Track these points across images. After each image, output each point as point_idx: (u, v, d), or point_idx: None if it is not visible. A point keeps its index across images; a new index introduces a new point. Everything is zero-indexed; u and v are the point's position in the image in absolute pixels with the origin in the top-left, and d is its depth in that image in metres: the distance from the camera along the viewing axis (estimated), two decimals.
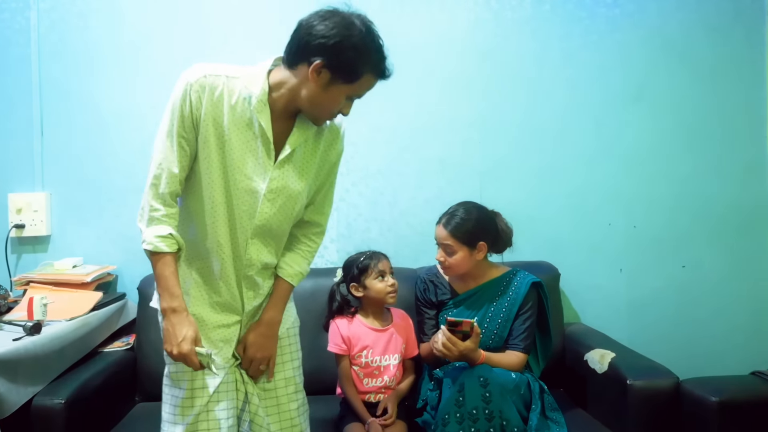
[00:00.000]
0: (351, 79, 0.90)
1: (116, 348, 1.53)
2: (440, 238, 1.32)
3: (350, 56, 0.88)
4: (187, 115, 0.93)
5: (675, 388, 1.17)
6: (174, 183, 0.95)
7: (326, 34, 0.88)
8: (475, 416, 1.10)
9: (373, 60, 0.91)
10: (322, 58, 0.88)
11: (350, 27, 0.89)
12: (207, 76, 0.93)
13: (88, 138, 1.67)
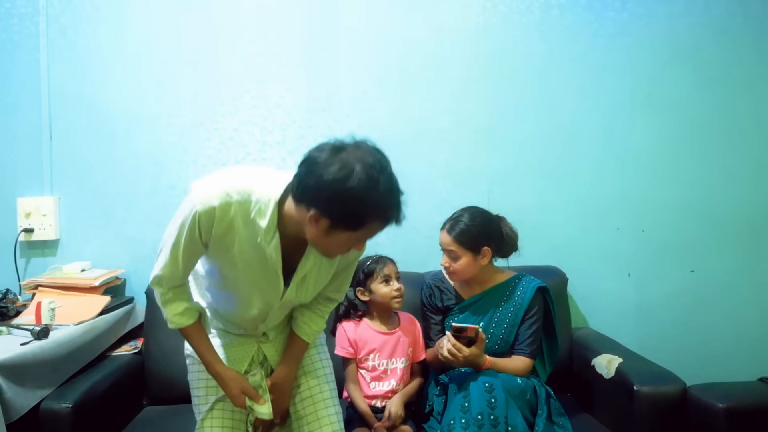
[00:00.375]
0: (354, 228, 0.86)
1: (124, 352, 1.56)
2: (444, 244, 1.35)
3: (349, 208, 0.84)
4: (197, 239, 0.95)
5: (682, 394, 1.19)
6: (177, 282, 1.03)
7: (321, 186, 0.83)
8: (481, 422, 1.12)
9: (378, 209, 0.85)
10: (316, 209, 0.85)
11: (347, 178, 0.82)
12: (216, 207, 0.91)
13: (96, 142, 1.71)
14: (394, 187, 0.88)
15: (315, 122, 1.73)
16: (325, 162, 0.84)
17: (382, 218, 0.88)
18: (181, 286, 1.03)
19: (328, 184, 0.83)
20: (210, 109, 1.72)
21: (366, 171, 0.83)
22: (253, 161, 1.74)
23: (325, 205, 0.84)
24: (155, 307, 1.53)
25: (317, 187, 0.84)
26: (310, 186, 0.85)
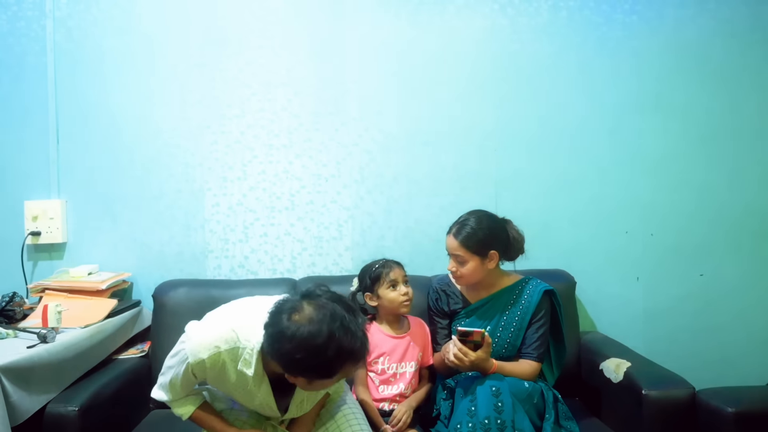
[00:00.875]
0: (329, 376, 0.96)
1: (131, 355, 1.59)
2: (451, 249, 1.37)
3: (318, 366, 0.93)
4: (192, 379, 1.07)
5: (691, 398, 1.21)
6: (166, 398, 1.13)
7: (287, 355, 0.93)
8: (487, 426, 1.14)
9: (344, 358, 0.93)
10: (295, 375, 0.95)
11: (307, 343, 0.91)
12: (205, 360, 1.01)
13: (103, 146, 1.75)
14: (353, 332, 0.94)
15: (322, 125, 1.77)
16: (289, 339, 0.92)
17: (351, 362, 0.95)
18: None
19: (296, 360, 0.92)
20: (217, 112, 1.76)
21: (323, 337, 0.91)
22: (259, 164, 1.78)
23: (297, 370, 0.95)
24: (162, 310, 1.60)
25: (289, 361, 0.94)
26: (280, 353, 0.94)
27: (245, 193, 1.77)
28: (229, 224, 1.78)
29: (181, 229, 1.76)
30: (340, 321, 0.93)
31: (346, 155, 1.78)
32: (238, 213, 1.77)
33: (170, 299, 1.60)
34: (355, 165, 1.78)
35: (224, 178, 1.77)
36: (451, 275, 1.41)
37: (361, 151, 1.78)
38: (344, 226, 1.78)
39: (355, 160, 1.78)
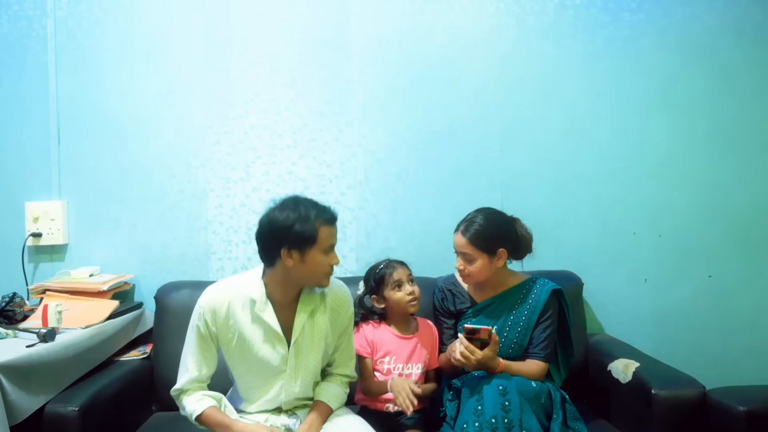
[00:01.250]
0: (313, 241, 1.15)
1: (132, 357, 1.60)
2: (459, 246, 1.38)
3: (299, 230, 1.14)
4: (205, 334, 1.22)
5: (701, 397, 1.22)
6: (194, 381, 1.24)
7: (276, 234, 1.16)
8: (494, 425, 1.15)
9: (316, 219, 1.16)
10: (283, 249, 1.15)
11: (285, 217, 1.15)
12: (213, 298, 1.22)
13: (105, 146, 1.77)
14: (316, 201, 1.21)
15: (326, 125, 1.79)
16: (271, 221, 1.17)
17: (324, 222, 1.17)
18: (199, 384, 1.24)
19: (280, 230, 1.16)
20: (219, 113, 1.78)
21: (293, 205, 1.18)
22: (263, 165, 1.80)
23: (287, 242, 1.15)
24: (164, 312, 1.62)
25: (275, 237, 1.16)
26: (271, 240, 1.17)
27: (248, 194, 1.79)
28: (232, 225, 1.79)
29: (184, 231, 1.78)
30: (307, 198, 1.21)
31: (351, 155, 1.79)
32: (241, 214, 1.78)
33: (172, 301, 1.61)
34: (359, 165, 1.79)
35: (227, 179, 1.79)
36: (459, 274, 1.42)
37: (366, 152, 1.80)
38: (348, 228, 1.80)
39: (360, 161, 1.79)
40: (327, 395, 1.28)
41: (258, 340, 1.22)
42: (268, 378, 1.25)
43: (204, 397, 1.22)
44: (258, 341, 1.22)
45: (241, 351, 1.23)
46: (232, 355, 1.24)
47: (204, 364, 1.24)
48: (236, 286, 1.24)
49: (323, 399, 1.27)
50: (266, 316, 1.21)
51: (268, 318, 1.21)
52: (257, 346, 1.22)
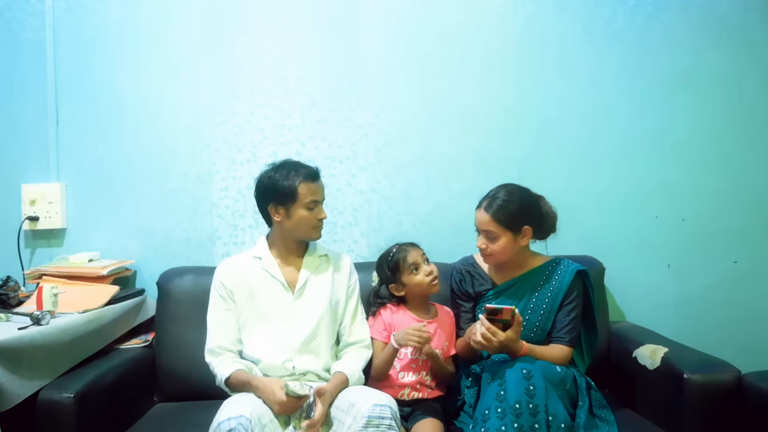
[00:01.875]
0: (294, 197, 1.33)
1: (133, 345, 1.58)
2: (481, 224, 1.35)
3: (280, 187, 1.33)
4: (225, 295, 1.38)
5: (736, 382, 1.21)
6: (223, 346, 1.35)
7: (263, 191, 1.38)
8: (518, 411, 1.12)
9: (294, 175, 1.34)
10: (271, 204, 1.35)
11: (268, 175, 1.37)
12: (227, 263, 1.42)
13: (105, 126, 1.75)
14: (298, 162, 1.40)
15: (336, 105, 1.78)
16: (259, 181, 1.40)
17: (302, 179, 1.34)
18: (229, 350, 1.35)
19: (264, 189, 1.37)
20: (225, 91, 1.76)
21: (278, 166, 1.38)
22: (270, 146, 1.78)
23: (272, 199, 1.35)
24: (167, 298, 1.60)
25: (262, 195, 1.38)
26: (260, 198, 1.39)
27: (255, 176, 1.74)
28: (239, 209, 1.78)
29: (188, 215, 1.76)
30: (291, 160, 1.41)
31: (362, 136, 1.78)
32: (247, 197, 1.76)
33: (175, 287, 1.60)
34: (371, 146, 1.78)
35: (233, 161, 1.77)
36: (481, 253, 1.40)
37: (378, 132, 1.79)
38: (360, 211, 1.79)
39: (371, 142, 1.78)
40: (343, 366, 1.34)
41: (266, 291, 1.36)
42: (277, 327, 1.34)
43: (234, 362, 1.31)
44: (266, 292, 1.36)
45: (252, 304, 1.36)
46: (244, 312, 1.36)
47: (229, 325, 1.35)
48: (247, 253, 1.44)
49: (340, 369, 1.32)
50: (271, 269, 1.38)
51: (273, 270, 1.38)
52: (266, 296, 1.36)
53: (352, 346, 1.40)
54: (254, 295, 1.36)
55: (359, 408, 1.14)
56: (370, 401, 1.15)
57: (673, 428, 1.28)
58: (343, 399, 1.23)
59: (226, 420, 1.09)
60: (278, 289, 1.37)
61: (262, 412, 1.16)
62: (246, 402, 1.17)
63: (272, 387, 1.20)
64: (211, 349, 1.34)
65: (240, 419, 1.09)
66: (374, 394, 1.19)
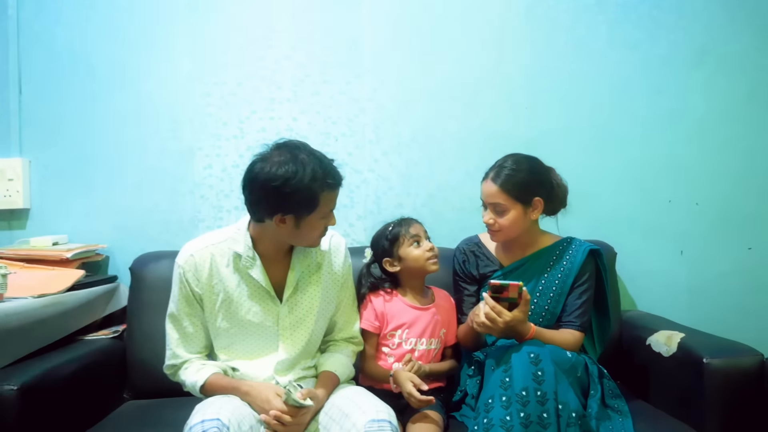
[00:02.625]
0: (313, 208, 1.11)
1: (101, 336, 1.52)
2: (489, 196, 1.32)
3: (299, 197, 1.08)
4: (188, 295, 1.19)
5: (760, 366, 1.20)
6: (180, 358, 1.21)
7: (269, 196, 1.09)
8: (525, 399, 1.07)
9: (320, 183, 1.09)
10: (277, 215, 1.10)
11: (285, 177, 1.07)
12: (193, 255, 1.18)
13: (74, 97, 1.69)
14: (320, 158, 1.12)
15: (332, 77, 1.74)
16: (263, 177, 1.08)
17: (327, 188, 1.11)
18: (197, 356, 1.22)
19: (274, 192, 1.08)
20: (210, 61, 1.72)
21: (292, 161, 1.08)
22: (259, 120, 1.74)
23: (281, 207, 1.10)
24: (140, 285, 1.55)
25: (267, 198, 1.10)
26: (262, 201, 1.11)
27: (242, 153, 1.72)
28: (223, 189, 1.73)
29: (167, 195, 1.71)
30: (309, 151, 1.11)
31: (359, 111, 1.75)
32: (233, 176, 1.72)
33: (151, 273, 1.55)
34: (369, 123, 1.75)
35: (218, 136, 1.72)
36: (489, 229, 1.37)
37: (376, 108, 1.75)
38: (356, 192, 1.75)
39: (369, 118, 1.75)
40: (332, 364, 1.24)
41: (246, 300, 1.19)
42: (259, 344, 1.20)
43: (204, 366, 1.19)
44: (246, 301, 1.18)
45: (228, 314, 1.19)
46: (216, 320, 1.20)
47: (195, 331, 1.20)
48: (218, 240, 1.21)
49: (328, 368, 1.23)
50: (254, 272, 1.18)
51: (257, 274, 1.18)
52: (245, 307, 1.18)
53: (341, 344, 1.32)
54: (230, 303, 1.18)
55: (354, 422, 1.04)
56: (368, 415, 1.04)
57: (690, 418, 1.28)
58: (333, 405, 1.14)
59: (199, 423, 0.99)
60: (262, 296, 1.19)
61: (242, 417, 1.05)
62: (225, 404, 1.06)
63: (266, 394, 1.09)
64: (171, 365, 1.21)
65: (215, 423, 0.98)
66: (372, 406, 1.08)
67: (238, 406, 1.08)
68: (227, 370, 1.20)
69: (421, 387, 1.22)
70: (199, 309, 1.20)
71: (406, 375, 1.26)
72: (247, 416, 1.08)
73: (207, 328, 1.22)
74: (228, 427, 0.99)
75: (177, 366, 1.21)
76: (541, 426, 1.07)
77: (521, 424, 1.07)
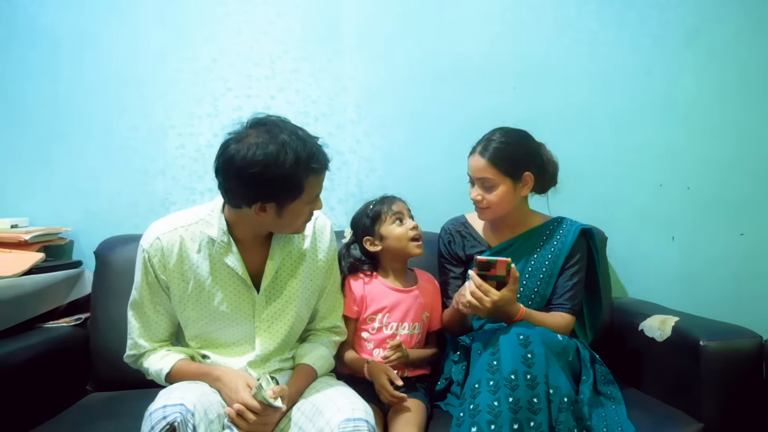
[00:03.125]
0: (297, 195, 0.99)
1: (62, 323, 1.43)
2: (477, 171, 1.25)
3: (280, 184, 0.97)
4: (153, 282, 1.08)
5: (758, 349, 1.14)
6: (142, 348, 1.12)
7: (249, 183, 0.96)
8: (514, 383, 1.00)
9: (304, 168, 0.98)
10: (256, 203, 0.99)
11: (264, 163, 0.95)
12: (160, 238, 1.06)
13: (36, 69, 1.59)
14: (303, 138, 0.99)
15: (311, 54, 1.66)
16: (239, 163, 0.95)
17: (312, 172, 1.00)
18: (159, 344, 1.12)
19: (252, 179, 0.95)
20: (182, 35, 1.63)
21: (272, 141, 0.96)
22: (234, 98, 1.65)
23: (261, 195, 0.98)
24: (106, 270, 1.47)
25: (244, 186, 0.97)
26: (239, 188, 0.99)
27: (216, 132, 1.64)
28: (197, 170, 1.64)
29: (136, 176, 1.63)
30: (290, 130, 0.98)
31: (341, 90, 1.67)
32: (207, 157, 1.63)
33: (117, 257, 1.46)
34: (350, 102, 1.67)
35: (191, 114, 1.64)
36: (476, 206, 1.29)
37: (359, 86, 1.67)
38: (337, 175, 1.67)
39: (351, 96, 1.67)
40: (311, 357, 1.16)
41: (219, 289, 1.08)
42: (233, 336, 1.12)
43: (169, 352, 1.10)
44: (219, 290, 1.08)
45: (198, 303, 1.08)
46: (185, 310, 1.10)
47: (159, 320, 1.11)
48: (189, 222, 1.08)
49: (306, 361, 1.15)
50: (229, 260, 1.07)
51: (232, 262, 1.07)
52: (218, 297, 1.08)
53: (322, 333, 1.24)
54: (202, 292, 1.07)
55: (328, 420, 0.96)
56: (343, 413, 0.95)
57: (686, 404, 1.22)
58: (307, 401, 1.06)
59: (161, 408, 0.90)
60: (237, 285, 1.09)
61: (209, 404, 0.96)
62: (190, 389, 0.97)
63: (236, 382, 0.99)
64: (131, 355, 1.12)
65: (178, 408, 0.89)
66: (348, 403, 0.98)
67: (206, 392, 0.99)
68: (196, 356, 1.12)
69: (395, 382, 1.15)
70: (165, 297, 1.09)
71: (382, 367, 1.19)
72: (215, 404, 0.99)
73: (173, 316, 1.12)
74: (192, 413, 0.90)
75: (138, 356, 1.13)
76: (531, 411, 1.00)
77: (510, 409, 0.99)
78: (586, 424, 1.06)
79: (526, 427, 0.98)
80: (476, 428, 0.99)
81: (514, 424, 0.98)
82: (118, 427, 1.10)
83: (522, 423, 0.98)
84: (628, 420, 1.13)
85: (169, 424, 0.87)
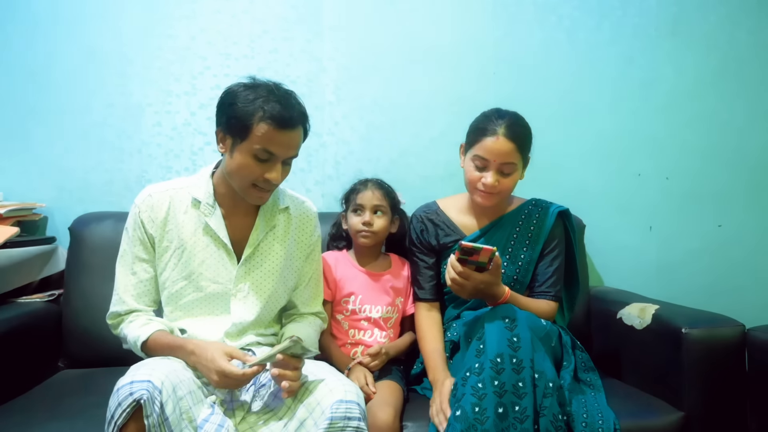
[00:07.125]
0: (244, 134, 0.93)
1: (35, 299, 1.30)
2: (502, 155, 1.05)
3: (231, 111, 0.94)
4: (143, 237, 1.02)
5: (741, 337, 1.01)
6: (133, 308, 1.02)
7: (221, 105, 0.97)
8: (500, 366, 0.89)
9: (261, 111, 0.92)
10: (221, 127, 0.97)
11: (233, 87, 0.97)
12: (152, 195, 1.03)
13: (11, 43, 1.43)
14: (283, 94, 0.96)
15: (291, 34, 1.50)
16: (224, 90, 0.98)
17: (265, 119, 0.92)
18: (144, 308, 1.03)
19: (221, 103, 0.97)
20: (161, 12, 1.47)
21: (252, 82, 0.97)
22: (213, 77, 1.49)
23: (222, 121, 0.96)
24: (80, 246, 1.32)
25: (218, 108, 0.98)
26: (217, 112, 0.98)
27: (194, 111, 1.48)
28: (173, 148, 1.48)
29: (113, 153, 1.47)
30: (276, 85, 0.97)
31: (319, 71, 1.51)
32: (184, 135, 1.47)
33: (91, 234, 1.32)
34: (329, 83, 1.51)
35: (168, 92, 1.48)
36: (488, 190, 1.08)
37: (338, 67, 1.51)
38: (314, 156, 1.51)
39: (330, 78, 1.51)
40: (299, 331, 1.04)
41: (200, 251, 1.01)
42: (209, 303, 1.02)
43: (150, 321, 1.00)
44: (200, 252, 1.01)
45: (179, 264, 1.01)
46: (165, 270, 1.02)
47: (143, 282, 1.02)
48: (180, 186, 1.04)
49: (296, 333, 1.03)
50: (212, 221, 1.01)
51: (215, 224, 1.01)
52: (199, 258, 1.01)
53: (306, 316, 1.11)
54: (184, 252, 1.00)
55: (319, 400, 0.88)
56: (335, 394, 0.87)
57: (666, 393, 1.08)
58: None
59: (128, 384, 0.81)
60: (218, 250, 1.01)
61: (179, 382, 0.86)
62: (159, 365, 0.87)
63: (212, 352, 0.90)
64: (116, 312, 1.01)
65: (145, 385, 0.80)
66: (339, 385, 0.90)
67: (176, 369, 0.89)
68: (174, 330, 1.01)
69: (368, 394, 1.02)
70: (152, 254, 1.02)
71: (364, 372, 1.08)
72: (186, 381, 0.89)
73: (157, 279, 1.03)
74: (160, 390, 0.81)
75: (121, 315, 1.02)
76: (516, 396, 0.88)
77: (495, 393, 0.88)
78: (566, 410, 0.93)
79: (511, 411, 0.87)
80: (460, 411, 0.88)
81: (498, 408, 0.87)
82: (88, 404, 1.00)
83: (507, 407, 0.87)
84: (608, 407, 0.99)
85: (136, 401, 0.79)
